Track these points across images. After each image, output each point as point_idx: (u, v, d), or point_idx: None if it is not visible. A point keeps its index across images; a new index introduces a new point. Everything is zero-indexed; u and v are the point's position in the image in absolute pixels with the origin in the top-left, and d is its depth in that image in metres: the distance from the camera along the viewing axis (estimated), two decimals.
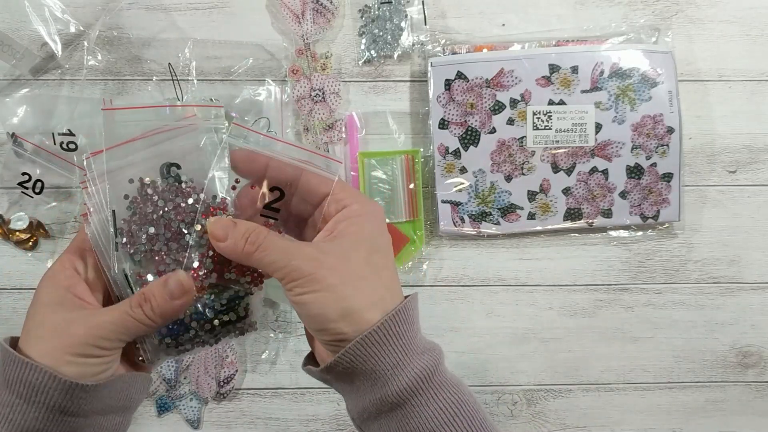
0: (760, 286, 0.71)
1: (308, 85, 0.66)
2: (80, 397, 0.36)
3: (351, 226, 0.37)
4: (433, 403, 0.36)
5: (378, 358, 0.36)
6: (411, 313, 0.38)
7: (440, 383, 0.37)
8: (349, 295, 0.36)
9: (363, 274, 0.36)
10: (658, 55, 0.67)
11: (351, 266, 0.36)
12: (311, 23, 0.65)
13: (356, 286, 0.36)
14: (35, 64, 0.66)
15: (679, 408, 0.70)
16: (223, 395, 0.67)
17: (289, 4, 0.65)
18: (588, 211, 0.68)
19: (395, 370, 0.36)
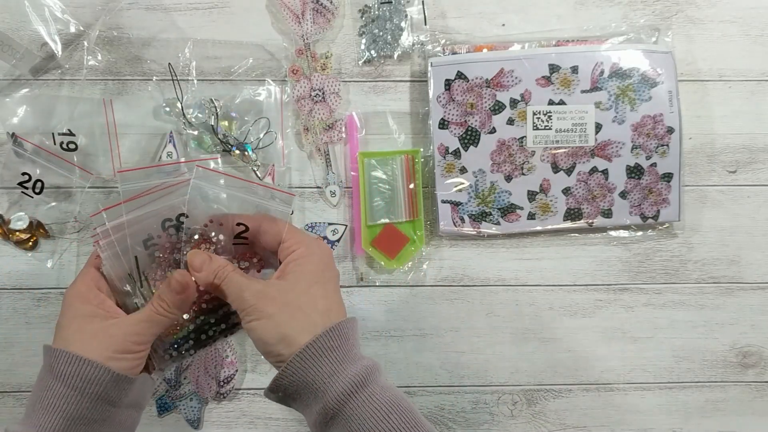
0: (760, 286, 0.71)
1: (308, 85, 0.65)
2: (122, 389, 0.45)
3: (296, 266, 0.46)
4: (368, 404, 0.41)
5: (313, 371, 0.42)
6: (343, 332, 0.44)
7: (374, 388, 0.42)
8: (285, 322, 0.43)
9: (299, 305, 0.44)
10: (658, 55, 0.67)
11: (289, 298, 0.44)
12: (311, 23, 0.65)
13: (292, 314, 0.43)
14: (35, 64, 0.66)
15: (679, 408, 0.70)
16: (223, 395, 0.67)
17: (289, 4, 0.65)
18: (588, 211, 0.68)
19: (331, 379, 0.42)
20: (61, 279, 0.67)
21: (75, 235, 0.67)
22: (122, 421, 0.47)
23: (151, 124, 0.67)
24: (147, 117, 0.67)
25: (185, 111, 0.66)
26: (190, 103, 0.66)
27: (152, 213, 0.51)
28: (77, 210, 0.67)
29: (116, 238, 0.50)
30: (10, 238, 0.66)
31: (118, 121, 0.67)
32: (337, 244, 0.66)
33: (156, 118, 0.67)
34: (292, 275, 0.45)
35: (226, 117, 0.66)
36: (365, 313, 0.69)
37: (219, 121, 0.66)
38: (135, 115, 0.67)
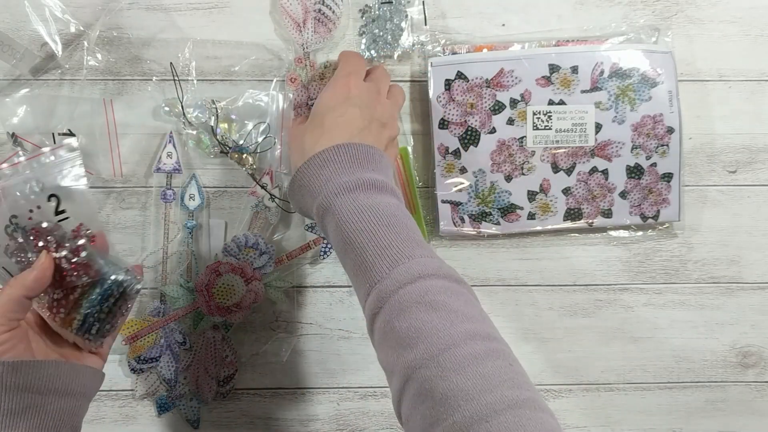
0: (760, 286, 0.71)
1: (305, 94, 0.65)
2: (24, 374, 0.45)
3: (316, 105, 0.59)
4: (351, 204, 0.49)
5: (314, 175, 0.52)
6: (349, 150, 0.52)
7: (361, 195, 0.50)
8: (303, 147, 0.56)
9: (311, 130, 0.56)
10: (658, 55, 0.67)
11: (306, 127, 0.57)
12: (312, 32, 0.65)
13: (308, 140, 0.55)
14: (35, 64, 0.66)
15: (679, 408, 0.71)
16: (223, 395, 0.67)
17: (290, 11, 0.65)
18: (588, 211, 0.68)
19: (327, 183, 0.51)
20: None
21: None
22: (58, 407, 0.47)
23: (150, 124, 0.67)
24: (147, 117, 0.67)
25: (185, 111, 0.66)
26: (189, 104, 0.66)
27: None
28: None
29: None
30: None
31: (118, 121, 0.67)
32: None
33: (156, 119, 0.67)
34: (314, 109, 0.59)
35: (226, 119, 0.66)
36: None
37: (219, 123, 0.66)
38: (135, 115, 0.67)
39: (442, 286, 0.45)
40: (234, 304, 0.64)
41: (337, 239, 0.49)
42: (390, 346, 0.43)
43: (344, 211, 0.49)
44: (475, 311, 0.45)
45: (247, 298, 0.64)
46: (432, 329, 0.42)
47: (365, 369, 0.69)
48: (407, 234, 0.48)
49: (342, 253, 0.50)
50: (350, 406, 0.69)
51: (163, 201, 0.66)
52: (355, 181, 0.50)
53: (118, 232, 0.67)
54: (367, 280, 0.46)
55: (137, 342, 0.65)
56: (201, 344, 0.66)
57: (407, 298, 0.43)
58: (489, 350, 0.41)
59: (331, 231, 0.51)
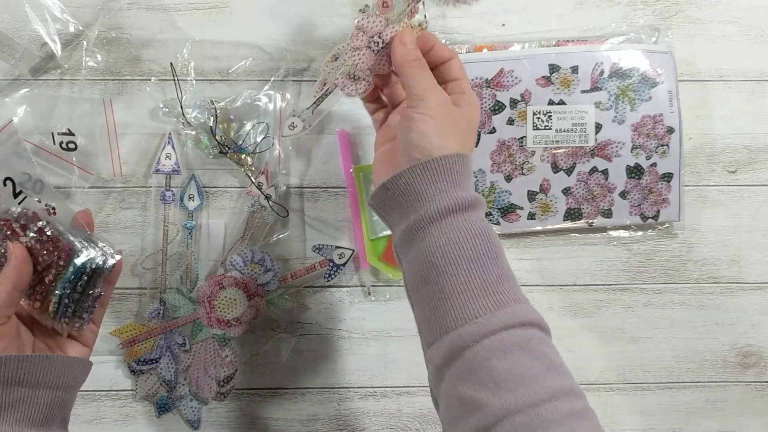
0: (760, 286, 0.71)
1: (380, 27, 0.51)
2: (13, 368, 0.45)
3: (463, 102, 0.49)
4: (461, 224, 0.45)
5: (434, 180, 0.45)
6: (468, 164, 0.47)
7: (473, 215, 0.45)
8: (445, 130, 0.47)
9: (461, 133, 0.48)
10: (658, 55, 0.67)
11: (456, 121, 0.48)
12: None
13: (452, 128, 0.47)
14: (35, 64, 0.66)
15: (679, 408, 0.71)
16: (223, 395, 0.67)
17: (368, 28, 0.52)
18: (588, 211, 0.68)
19: (442, 194, 0.45)
20: None
21: None
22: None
23: (150, 124, 0.67)
24: (146, 117, 0.67)
25: (184, 111, 0.65)
26: (188, 104, 0.66)
27: None
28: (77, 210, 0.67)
29: None
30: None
31: (118, 121, 0.67)
32: (343, 267, 0.66)
33: (155, 119, 0.67)
34: (462, 111, 0.49)
35: (225, 119, 0.66)
36: (366, 313, 0.69)
37: (218, 123, 0.66)
38: (134, 115, 0.67)
39: (542, 337, 0.45)
40: (234, 318, 0.64)
41: (427, 263, 0.45)
42: (479, 382, 0.42)
43: (452, 230, 0.44)
44: (566, 367, 0.45)
45: (247, 314, 0.64)
46: (533, 377, 0.41)
47: (365, 369, 0.69)
48: (508, 269, 0.46)
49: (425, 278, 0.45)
50: (350, 406, 0.69)
51: (162, 202, 0.66)
52: (470, 198, 0.46)
53: (118, 232, 0.67)
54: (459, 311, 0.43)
55: (134, 347, 0.65)
56: (201, 345, 0.66)
57: (510, 341, 0.42)
58: (584, 409, 0.42)
59: (419, 251, 0.45)
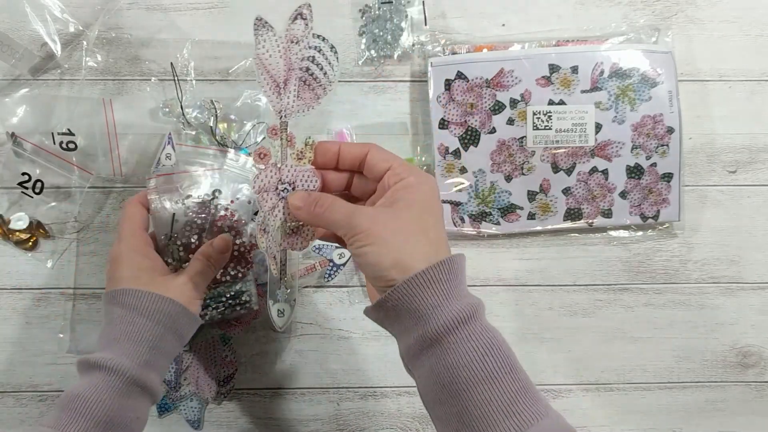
0: (760, 286, 0.71)
1: (276, 175, 0.47)
2: (191, 328, 0.55)
3: (406, 193, 0.44)
4: (467, 342, 0.41)
5: (420, 298, 0.41)
6: (454, 267, 0.43)
7: (476, 326, 0.42)
8: (400, 248, 0.42)
9: (413, 231, 0.43)
10: (658, 55, 0.67)
11: (402, 224, 0.43)
12: (294, 97, 0.48)
13: (406, 240, 0.42)
14: (35, 64, 0.66)
15: (679, 408, 0.71)
16: (223, 395, 0.67)
17: (269, 66, 0.47)
18: (588, 211, 0.68)
19: (435, 310, 0.41)
20: (61, 279, 0.67)
21: (75, 235, 0.67)
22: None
23: (150, 125, 0.67)
24: (146, 117, 0.67)
25: (184, 111, 0.65)
26: (188, 104, 0.66)
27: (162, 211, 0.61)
28: (77, 210, 0.67)
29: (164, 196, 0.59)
30: (10, 238, 0.66)
31: (118, 121, 0.67)
32: (343, 267, 0.66)
33: (155, 119, 0.67)
34: (403, 202, 0.44)
35: (225, 119, 0.66)
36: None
37: (218, 123, 0.66)
38: (134, 115, 0.67)
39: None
40: (234, 319, 0.64)
41: (441, 382, 0.41)
42: None
43: (460, 351, 0.41)
44: None
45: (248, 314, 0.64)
46: None
47: (365, 369, 0.69)
48: (525, 377, 0.43)
49: (442, 397, 0.42)
50: (350, 406, 0.69)
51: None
52: (467, 308, 0.42)
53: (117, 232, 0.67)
54: None
55: None
56: (201, 345, 0.66)
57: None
58: None
59: (430, 369, 0.42)
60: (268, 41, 0.47)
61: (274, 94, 0.48)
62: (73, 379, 0.66)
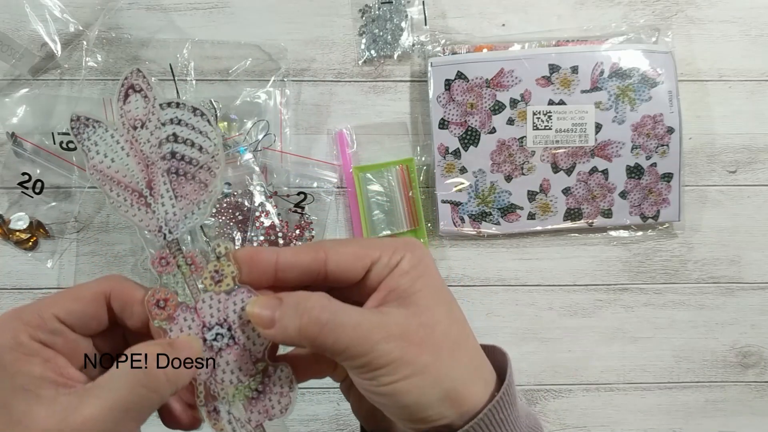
0: (760, 286, 0.71)
1: (196, 321, 0.32)
2: None
3: (417, 282, 0.30)
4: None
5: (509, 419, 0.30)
6: (513, 389, 0.32)
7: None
8: (448, 371, 0.29)
9: (454, 339, 0.30)
10: (658, 55, 0.67)
11: (438, 333, 0.30)
12: (170, 201, 0.33)
13: (453, 357, 0.30)
14: (35, 64, 0.66)
15: (679, 408, 0.70)
16: None
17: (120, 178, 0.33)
18: (588, 211, 0.68)
19: None
20: (61, 279, 0.67)
21: (75, 235, 0.67)
22: None
23: None
24: None
25: None
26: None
27: None
28: (77, 210, 0.67)
29: None
30: (10, 238, 0.66)
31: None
32: None
33: None
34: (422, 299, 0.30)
35: (226, 118, 0.66)
36: None
37: (218, 123, 0.66)
38: None
39: None
40: None
41: None
42: None
43: None
44: None
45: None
46: None
47: None
48: None
49: None
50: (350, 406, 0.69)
51: None
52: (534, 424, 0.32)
53: (118, 232, 0.67)
54: None
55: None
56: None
57: None
58: None
59: None
60: (101, 143, 0.33)
61: (142, 209, 0.33)
62: None
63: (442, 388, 0.29)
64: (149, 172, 0.33)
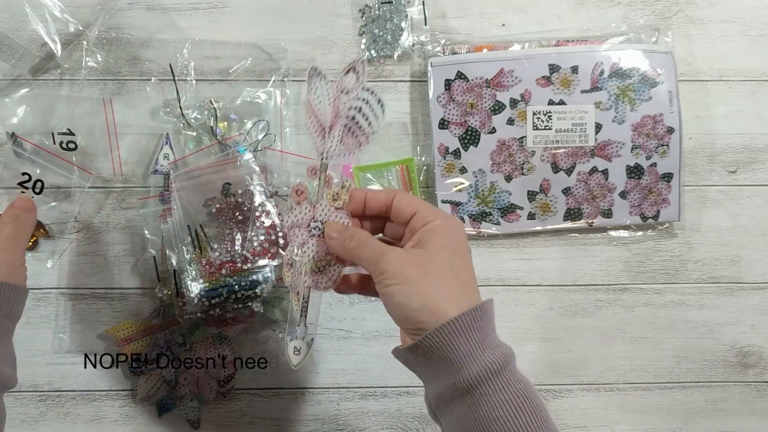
0: (760, 286, 0.71)
1: (310, 212, 0.49)
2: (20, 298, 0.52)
3: (434, 236, 0.44)
4: (500, 394, 0.40)
5: (453, 347, 0.40)
6: (486, 313, 0.42)
7: (509, 377, 0.41)
8: (429, 290, 0.41)
9: (443, 274, 0.42)
10: (658, 55, 0.67)
11: (432, 267, 0.42)
12: (338, 142, 0.50)
13: (436, 283, 0.42)
14: (35, 64, 0.66)
15: (679, 408, 0.71)
16: (223, 395, 0.67)
17: (317, 110, 0.50)
18: (588, 211, 0.68)
19: (468, 359, 0.40)
20: (61, 279, 0.67)
21: (75, 235, 0.67)
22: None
23: (150, 124, 0.67)
24: (146, 117, 0.67)
25: (184, 112, 0.65)
26: (189, 104, 0.66)
27: (210, 180, 0.64)
28: (77, 210, 0.67)
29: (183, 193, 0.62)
30: None
31: (118, 121, 0.67)
32: None
33: (155, 119, 0.67)
34: (432, 245, 0.43)
35: (225, 118, 0.66)
36: (366, 313, 0.69)
37: (218, 123, 0.66)
38: (134, 115, 0.67)
39: None
40: (231, 318, 0.65)
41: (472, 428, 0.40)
42: None
43: (493, 403, 0.40)
44: None
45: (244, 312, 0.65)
46: None
47: (365, 369, 0.69)
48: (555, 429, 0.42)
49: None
50: (350, 406, 0.69)
51: (161, 203, 0.66)
52: (500, 358, 0.41)
53: (117, 232, 0.67)
54: None
55: (130, 344, 0.65)
56: (201, 344, 0.66)
57: None
58: None
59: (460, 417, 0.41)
60: (320, 89, 0.50)
61: (319, 137, 0.50)
62: (73, 379, 0.67)
63: (423, 298, 0.41)
64: (334, 120, 0.49)
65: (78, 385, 0.67)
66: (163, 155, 0.66)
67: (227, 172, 0.64)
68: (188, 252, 0.63)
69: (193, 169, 0.64)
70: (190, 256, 0.63)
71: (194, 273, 0.63)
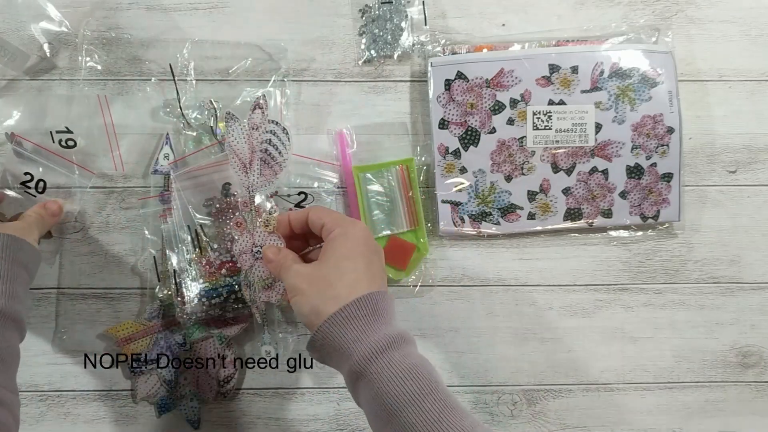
0: (760, 286, 0.71)
1: (250, 240, 0.58)
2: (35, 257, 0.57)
3: (331, 245, 0.50)
4: (387, 369, 0.45)
5: (338, 336, 0.47)
6: (371, 302, 0.48)
7: (394, 355, 0.46)
8: (314, 297, 0.49)
9: (328, 281, 0.49)
10: (658, 55, 0.67)
11: (319, 275, 0.50)
12: (258, 174, 0.59)
13: (320, 288, 0.49)
14: (31, 64, 0.66)
15: (679, 408, 0.71)
16: (223, 395, 0.67)
17: (237, 150, 0.58)
18: (588, 211, 0.68)
19: (355, 344, 0.46)
20: (61, 279, 0.67)
21: (75, 235, 0.67)
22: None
23: (150, 125, 0.67)
24: (146, 117, 0.67)
25: (184, 112, 0.65)
26: (189, 104, 0.66)
27: (210, 180, 0.65)
28: (77, 210, 0.67)
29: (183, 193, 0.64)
30: None
31: (117, 121, 0.67)
32: None
33: (155, 119, 0.67)
34: (326, 254, 0.50)
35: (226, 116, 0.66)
36: None
37: (218, 123, 0.66)
38: (134, 115, 0.67)
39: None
40: (231, 317, 0.65)
41: (376, 409, 0.46)
42: None
43: (383, 379, 0.45)
44: None
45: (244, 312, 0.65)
46: None
47: None
48: (447, 396, 0.45)
49: (382, 422, 0.46)
50: (350, 406, 0.69)
51: (161, 203, 0.66)
52: (384, 339, 0.46)
53: (117, 232, 0.67)
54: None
55: (130, 344, 0.65)
56: (201, 345, 0.66)
57: None
58: None
59: (366, 398, 0.46)
60: (236, 130, 0.58)
61: (243, 173, 0.59)
62: (73, 379, 0.67)
63: (311, 305, 0.49)
64: (252, 155, 0.59)
65: (78, 385, 0.67)
66: (163, 155, 0.66)
67: (227, 172, 0.64)
68: (188, 252, 0.63)
69: (193, 169, 0.64)
70: (190, 256, 0.63)
71: (194, 273, 0.63)
